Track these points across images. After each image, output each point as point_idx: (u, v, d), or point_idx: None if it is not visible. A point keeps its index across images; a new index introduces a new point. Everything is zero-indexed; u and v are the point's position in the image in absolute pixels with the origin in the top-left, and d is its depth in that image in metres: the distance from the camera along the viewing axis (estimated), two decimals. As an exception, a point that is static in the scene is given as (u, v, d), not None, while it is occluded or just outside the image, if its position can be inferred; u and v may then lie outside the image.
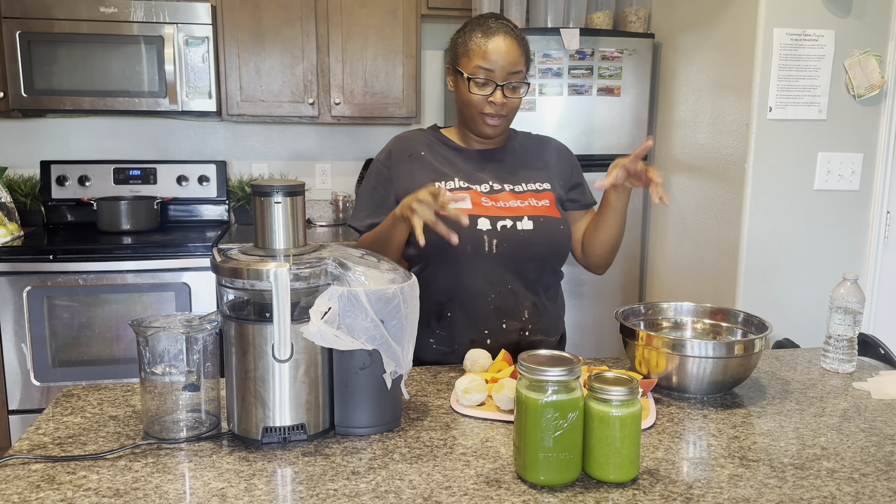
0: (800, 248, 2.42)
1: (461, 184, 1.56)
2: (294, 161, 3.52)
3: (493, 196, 1.55)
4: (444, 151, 1.61)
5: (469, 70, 1.51)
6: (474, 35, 1.51)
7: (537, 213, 1.55)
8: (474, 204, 1.53)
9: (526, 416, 0.98)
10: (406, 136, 1.65)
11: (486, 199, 1.54)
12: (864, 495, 0.97)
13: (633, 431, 0.98)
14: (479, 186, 1.57)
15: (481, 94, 1.51)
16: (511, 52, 1.49)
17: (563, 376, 0.96)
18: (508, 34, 1.50)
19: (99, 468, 1.01)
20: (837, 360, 1.46)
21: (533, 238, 1.52)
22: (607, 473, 0.98)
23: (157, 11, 2.88)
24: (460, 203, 1.51)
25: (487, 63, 1.48)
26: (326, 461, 1.04)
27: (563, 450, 0.97)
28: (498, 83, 1.50)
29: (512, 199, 1.55)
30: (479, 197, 1.54)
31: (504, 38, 1.49)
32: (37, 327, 2.72)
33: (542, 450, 0.96)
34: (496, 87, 1.50)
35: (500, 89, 1.50)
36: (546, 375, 0.96)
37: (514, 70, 1.50)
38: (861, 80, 2.31)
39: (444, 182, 1.56)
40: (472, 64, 1.50)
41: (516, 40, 1.51)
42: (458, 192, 1.53)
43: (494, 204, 1.54)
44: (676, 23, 2.86)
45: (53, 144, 3.31)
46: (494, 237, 1.50)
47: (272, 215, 1.13)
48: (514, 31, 1.52)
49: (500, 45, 1.49)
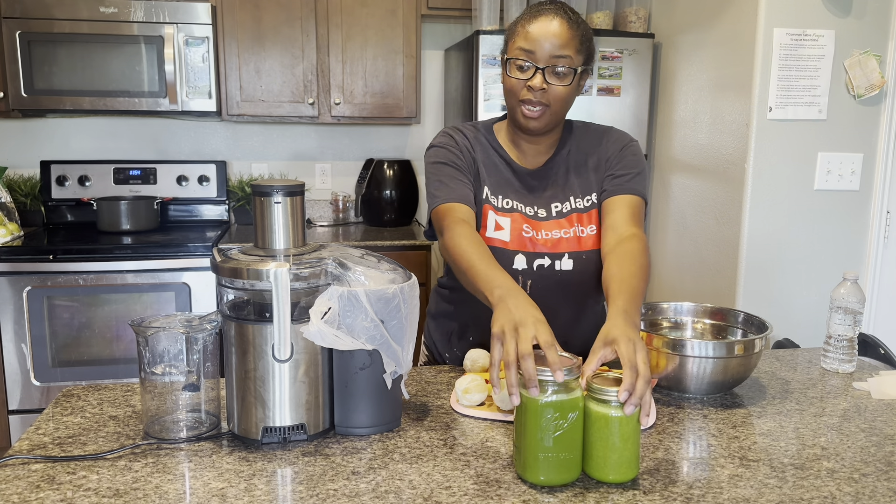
0: (800, 248, 2.42)
1: (506, 202, 1.46)
2: (294, 161, 3.52)
3: (536, 223, 1.44)
4: (496, 160, 1.49)
5: (511, 52, 1.38)
6: (523, 16, 1.38)
7: (580, 247, 1.43)
8: (514, 231, 1.43)
9: (526, 416, 0.98)
10: (462, 129, 1.52)
11: (528, 225, 1.44)
12: (864, 495, 0.97)
13: (632, 432, 0.97)
14: (526, 207, 1.46)
15: (520, 79, 1.37)
16: (559, 34, 1.33)
17: (562, 376, 0.96)
18: (559, 15, 1.35)
19: (99, 468, 1.01)
20: (837, 360, 1.46)
21: (571, 278, 1.43)
22: (606, 474, 0.98)
23: (157, 11, 2.88)
24: (499, 233, 1.43)
25: (529, 44, 1.34)
26: (326, 461, 1.04)
27: (563, 450, 0.97)
28: (538, 66, 1.35)
29: (555, 229, 1.44)
30: (522, 223, 1.44)
31: (552, 19, 1.34)
32: (37, 327, 2.72)
33: (542, 450, 0.96)
34: (536, 70, 1.35)
35: (542, 73, 1.35)
36: (545, 375, 0.96)
37: (560, 53, 1.34)
38: (861, 80, 2.31)
39: (491, 193, 1.46)
40: (514, 46, 1.37)
41: (567, 22, 1.35)
42: (502, 215, 1.45)
43: (535, 235, 1.43)
44: (676, 23, 2.86)
45: (53, 144, 3.31)
46: (529, 277, 1.43)
47: (272, 215, 1.13)
48: (568, 14, 1.37)
49: (544, 26, 1.34)
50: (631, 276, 1.24)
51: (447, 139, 1.49)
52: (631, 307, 1.16)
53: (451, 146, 1.48)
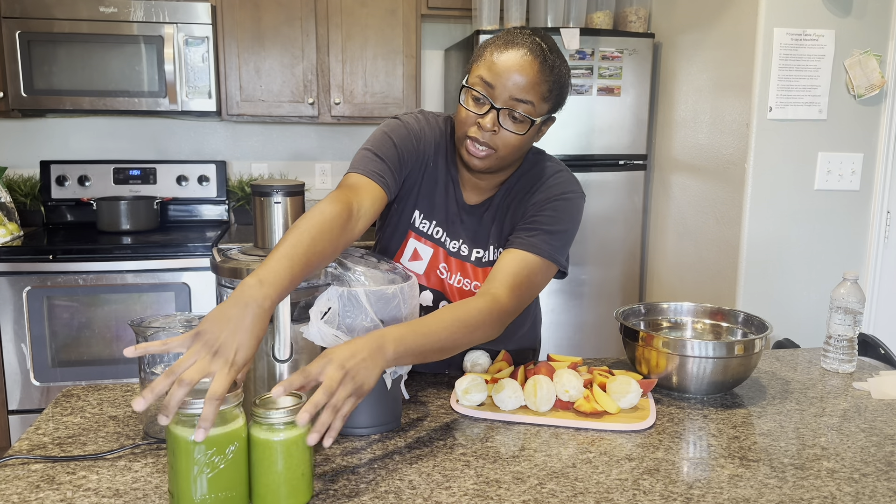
0: (800, 248, 2.42)
1: (432, 231, 1.37)
2: (294, 161, 3.52)
3: (452, 263, 1.37)
4: (444, 180, 1.37)
5: (471, 79, 1.24)
6: (495, 40, 1.23)
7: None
8: (430, 268, 1.37)
9: (177, 458, 0.85)
10: (433, 127, 1.37)
11: (445, 265, 1.38)
12: (864, 495, 0.97)
13: (299, 455, 0.89)
14: (450, 243, 1.37)
15: (472, 112, 1.23)
16: (526, 73, 1.18)
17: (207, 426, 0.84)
18: (532, 52, 1.19)
19: (99, 468, 1.01)
20: (837, 360, 1.46)
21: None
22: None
23: (156, 11, 2.88)
24: (414, 263, 1.35)
25: (491, 76, 1.20)
26: (326, 461, 1.04)
27: (224, 489, 0.87)
28: (494, 105, 1.20)
29: (466, 278, 1.37)
30: (440, 262, 1.37)
31: (524, 55, 1.19)
32: (37, 327, 2.72)
33: (199, 495, 0.85)
34: (491, 108, 1.21)
35: (496, 113, 1.21)
36: (196, 408, 0.85)
37: (521, 97, 1.19)
38: (861, 79, 2.31)
39: (420, 216, 1.37)
40: (475, 73, 1.23)
41: (540, 63, 1.19)
42: (423, 243, 1.37)
43: (448, 278, 1.37)
44: (676, 23, 2.86)
45: (53, 144, 3.31)
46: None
47: (272, 215, 1.13)
48: (544, 52, 1.20)
49: (512, 59, 1.19)
50: (437, 320, 1.09)
51: (414, 124, 1.34)
52: (391, 339, 1.00)
53: (411, 133, 1.33)
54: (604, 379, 1.26)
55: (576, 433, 1.15)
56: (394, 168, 1.27)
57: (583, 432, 1.16)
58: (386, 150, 1.28)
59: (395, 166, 1.28)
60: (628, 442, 1.12)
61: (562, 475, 1.01)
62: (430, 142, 1.35)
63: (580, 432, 1.16)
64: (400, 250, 1.40)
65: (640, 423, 1.17)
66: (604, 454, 1.08)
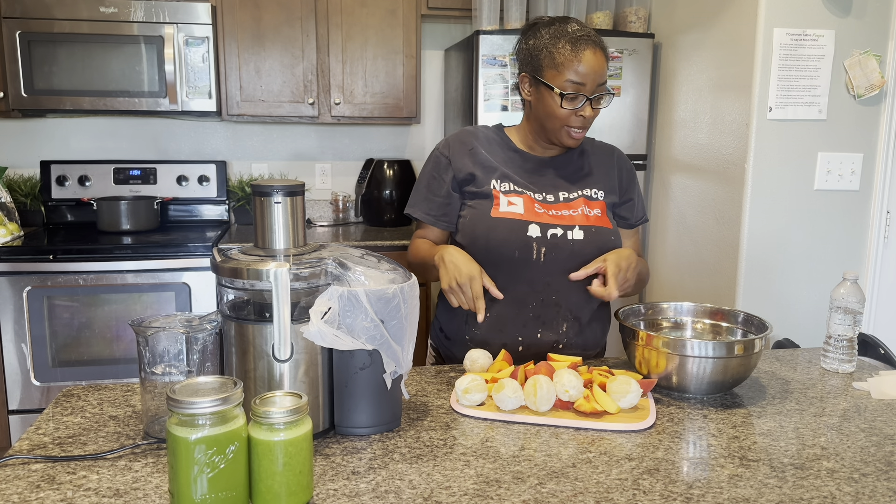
0: (800, 248, 2.42)
1: (516, 188, 1.54)
2: (294, 161, 3.52)
3: (546, 205, 1.53)
4: (505, 152, 1.59)
5: (559, 84, 1.46)
6: (561, 46, 1.45)
7: (589, 222, 1.52)
8: (527, 210, 1.51)
9: (177, 458, 0.86)
10: (470, 130, 1.63)
11: (539, 206, 1.52)
12: (864, 495, 0.97)
13: (300, 456, 0.90)
14: (535, 193, 1.55)
15: (571, 109, 1.47)
16: (601, 65, 1.46)
17: (216, 406, 0.86)
18: (596, 45, 1.46)
19: (99, 468, 1.01)
20: (837, 360, 1.46)
21: (583, 249, 1.49)
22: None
23: (157, 11, 2.88)
24: (512, 207, 1.51)
25: (578, 77, 1.44)
26: (326, 461, 1.04)
27: (223, 489, 0.87)
28: (588, 97, 1.46)
29: (565, 209, 1.53)
30: (532, 203, 1.53)
31: (594, 52, 1.45)
32: (37, 327, 2.72)
33: (199, 495, 0.86)
34: (585, 100, 1.46)
35: (590, 103, 1.47)
36: (196, 408, 0.85)
37: (602, 82, 1.47)
38: (861, 80, 2.31)
39: (499, 182, 1.54)
40: (563, 78, 1.45)
41: (602, 51, 1.47)
42: (512, 196, 1.53)
43: (546, 212, 1.52)
44: (676, 23, 2.86)
45: (53, 144, 3.31)
46: (543, 245, 1.48)
47: (272, 215, 1.13)
48: (598, 41, 1.48)
49: (590, 60, 1.44)
50: (639, 260, 1.51)
51: (439, 155, 1.61)
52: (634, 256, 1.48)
53: (439, 165, 1.60)
54: (604, 379, 1.26)
55: (576, 433, 1.15)
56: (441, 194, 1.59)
57: (583, 432, 1.16)
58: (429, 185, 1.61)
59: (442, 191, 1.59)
60: (628, 442, 1.12)
61: (562, 475, 1.01)
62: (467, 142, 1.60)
63: (580, 432, 1.16)
64: (494, 205, 1.53)
65: (640, 423, 1.17)
66: (604, 454, 1.08)
